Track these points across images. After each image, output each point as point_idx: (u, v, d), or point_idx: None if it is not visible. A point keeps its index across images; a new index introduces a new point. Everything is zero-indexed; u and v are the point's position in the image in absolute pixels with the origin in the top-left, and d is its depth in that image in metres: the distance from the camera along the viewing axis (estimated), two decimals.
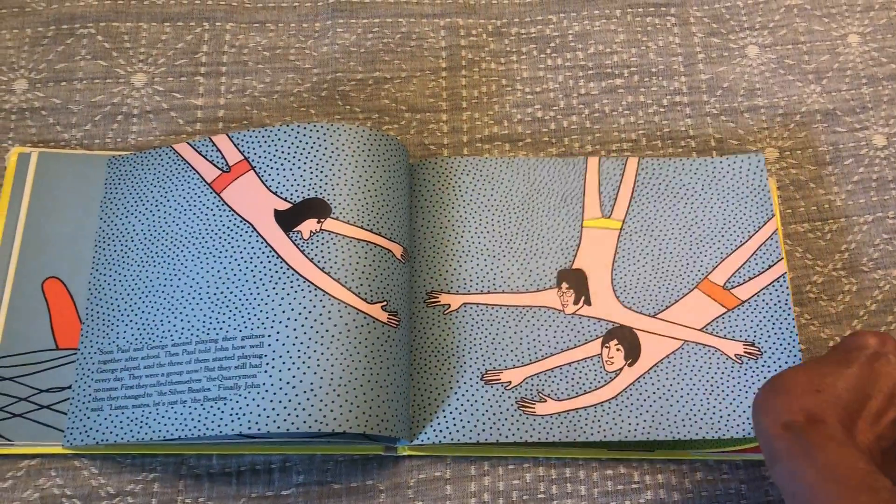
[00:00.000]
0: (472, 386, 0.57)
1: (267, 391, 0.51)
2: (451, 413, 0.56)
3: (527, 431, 0.55)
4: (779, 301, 0.59)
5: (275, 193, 0.57)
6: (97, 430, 0.54)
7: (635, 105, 0.69)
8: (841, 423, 0.43)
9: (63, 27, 0.67)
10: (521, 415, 0.56)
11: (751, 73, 0.70)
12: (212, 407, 0.52)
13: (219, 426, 0.51)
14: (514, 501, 0.56)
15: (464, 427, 0.55)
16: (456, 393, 0.57)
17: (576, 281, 0.60)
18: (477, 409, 0.56)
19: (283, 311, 0.53)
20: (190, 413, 0.52)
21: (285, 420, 0.50)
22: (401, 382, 0.55)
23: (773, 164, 0.67)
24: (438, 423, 0.56)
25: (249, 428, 0.50)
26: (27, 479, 0.55)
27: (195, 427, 0.52)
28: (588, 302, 0.60)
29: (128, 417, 0.53)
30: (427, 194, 0.62)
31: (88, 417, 0.54)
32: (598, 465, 0.57)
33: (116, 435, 0.53)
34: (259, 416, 0.51)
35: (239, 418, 0.51)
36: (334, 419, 0.50)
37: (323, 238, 0.55)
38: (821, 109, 0.69)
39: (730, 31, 0.72)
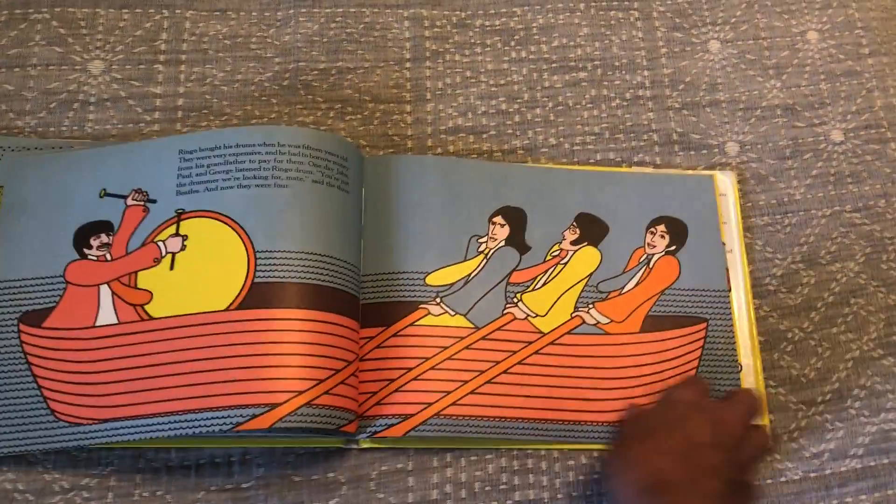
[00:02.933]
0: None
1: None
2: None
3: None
4: None
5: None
6: None
7: (598, 98, 0.69)
8: (688, 478, 0.48)
9: (16, 11, 0.65)
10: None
11: (712, 68, 0.71)
12: None
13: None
14: (476, 492, 0.56)
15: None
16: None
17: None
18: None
19: None
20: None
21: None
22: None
23: (734, 157, 0.68)
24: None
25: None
26: None
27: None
28: None
29: None
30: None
31: None
32: (559, 455, 0.57)
33: None
34: None
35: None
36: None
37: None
38: (781, 104, 0.70)
39: (692, 25, 0.72)
